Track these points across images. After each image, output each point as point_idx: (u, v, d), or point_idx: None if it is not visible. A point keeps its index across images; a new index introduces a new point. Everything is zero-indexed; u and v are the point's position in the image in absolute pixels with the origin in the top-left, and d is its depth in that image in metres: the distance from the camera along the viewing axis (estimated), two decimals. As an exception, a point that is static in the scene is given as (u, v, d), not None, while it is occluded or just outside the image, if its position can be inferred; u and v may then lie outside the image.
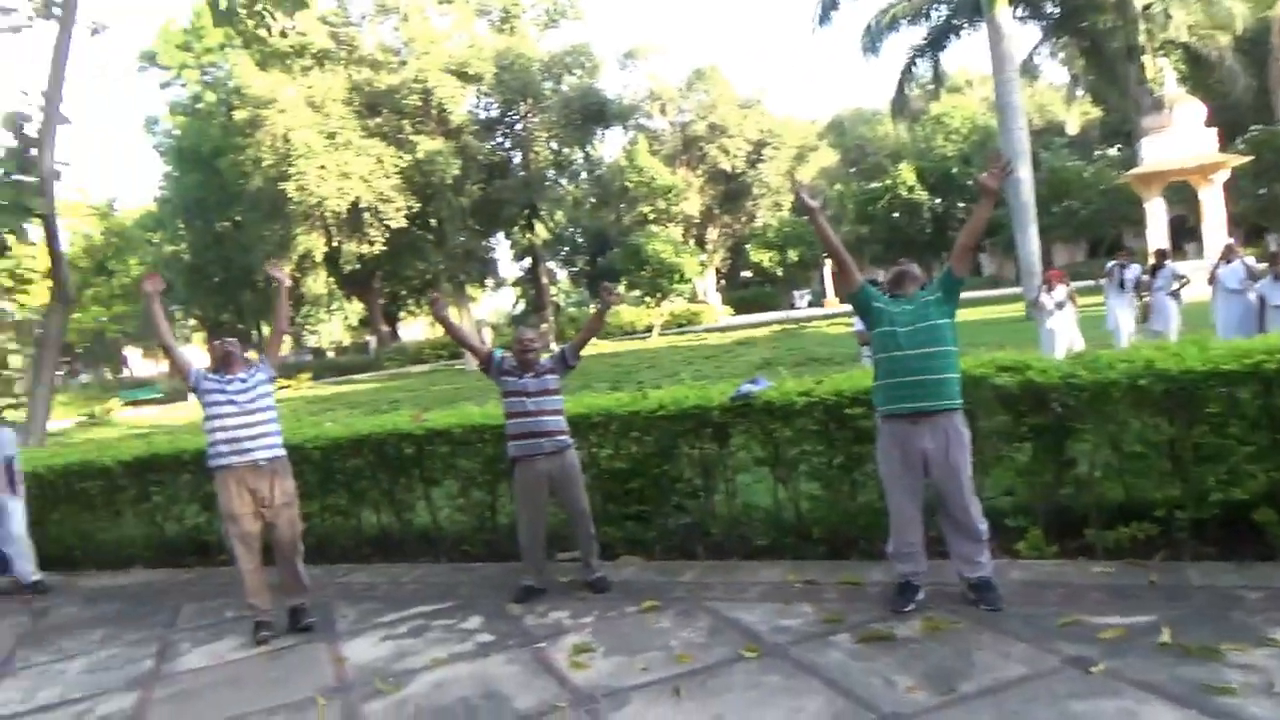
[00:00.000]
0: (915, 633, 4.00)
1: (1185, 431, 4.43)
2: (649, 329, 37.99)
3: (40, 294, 15.20)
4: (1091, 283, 12.95)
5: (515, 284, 49.78)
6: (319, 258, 34.26)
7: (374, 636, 4.98)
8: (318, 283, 38.42)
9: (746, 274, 57.20)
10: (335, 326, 63.18)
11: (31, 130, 10.63)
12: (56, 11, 11.18)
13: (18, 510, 7.24)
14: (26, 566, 7.20)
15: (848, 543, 5.22)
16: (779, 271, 51.23)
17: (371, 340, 48.64)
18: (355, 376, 38.82)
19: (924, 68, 29.84)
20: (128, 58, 73.18)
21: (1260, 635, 3.50)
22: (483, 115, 39.51)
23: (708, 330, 37.94)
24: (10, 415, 9.69)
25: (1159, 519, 4.45)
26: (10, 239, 10.61)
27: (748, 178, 48.15)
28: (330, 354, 53.21)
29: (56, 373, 12.10)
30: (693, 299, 44.63)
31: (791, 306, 47.61)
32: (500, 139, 40.52)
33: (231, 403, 5.13)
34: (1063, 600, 4.10)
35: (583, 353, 5.62)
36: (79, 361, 48.84)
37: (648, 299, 36.76)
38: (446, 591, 5.63)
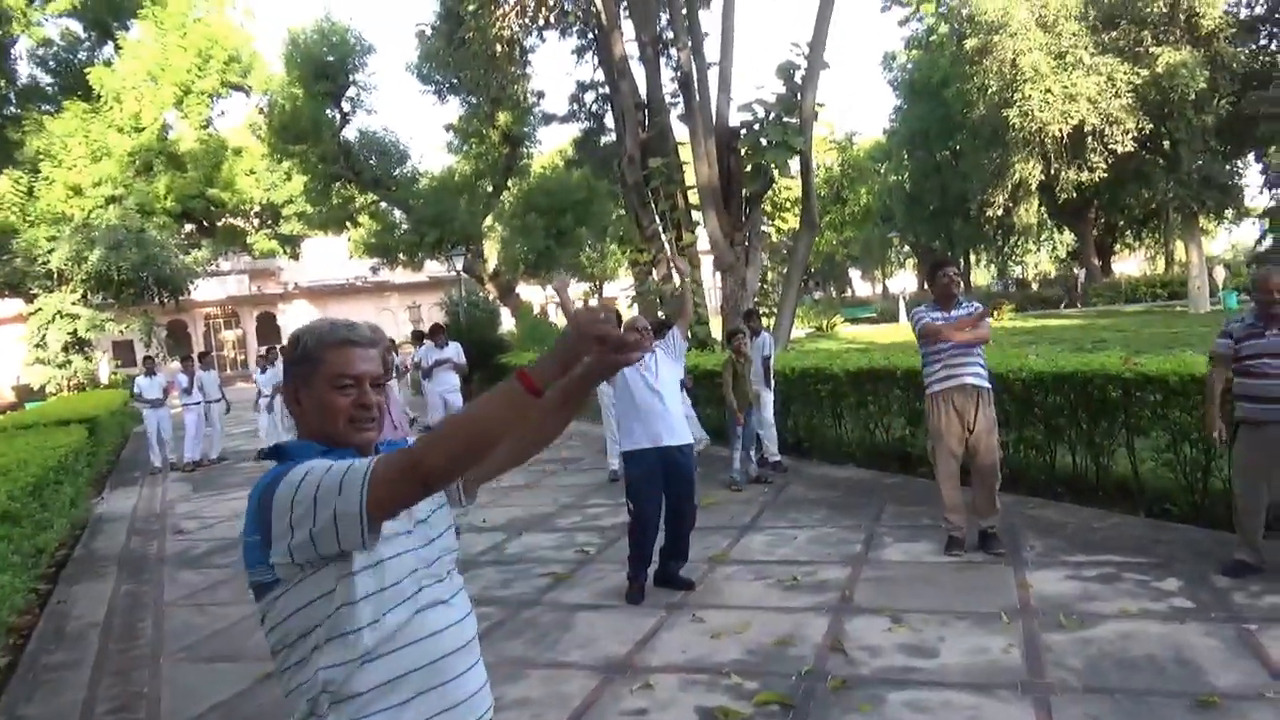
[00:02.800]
0: None
1: None
2: None
3: (792, 220, 17.88)
4: None
5: (1264, 214, 41.81)
6: (1033, 186, 33.28)
7: (1060, 572, 5.07)
8: (1029, 212, 37.41)
9: None
10: (1042, 257, 61.04)
11: (797, 76, 12.47)
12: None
13: (769, 400, 8.89)
14: (772, 447, 8.82)
15: None
16: None
17: (1080, 274, 45.91)
18: (1061, 311, 37.33)
19: None
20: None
21: None
22: (1244, 14, 33.48)
23: None
24: (766, 322, 11.76)
25: None
26: (775, 173, 12.77)
27: None
28: (1035, 286, 51.74)
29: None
30: None
31: None
32: (1264, 41, 33.94)
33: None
34: None
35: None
36: (812, 280, 55.71)
37: None
38: (1141, 546, 5.40)
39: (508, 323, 25.32)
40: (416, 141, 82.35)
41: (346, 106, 26.78)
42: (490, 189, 28.94)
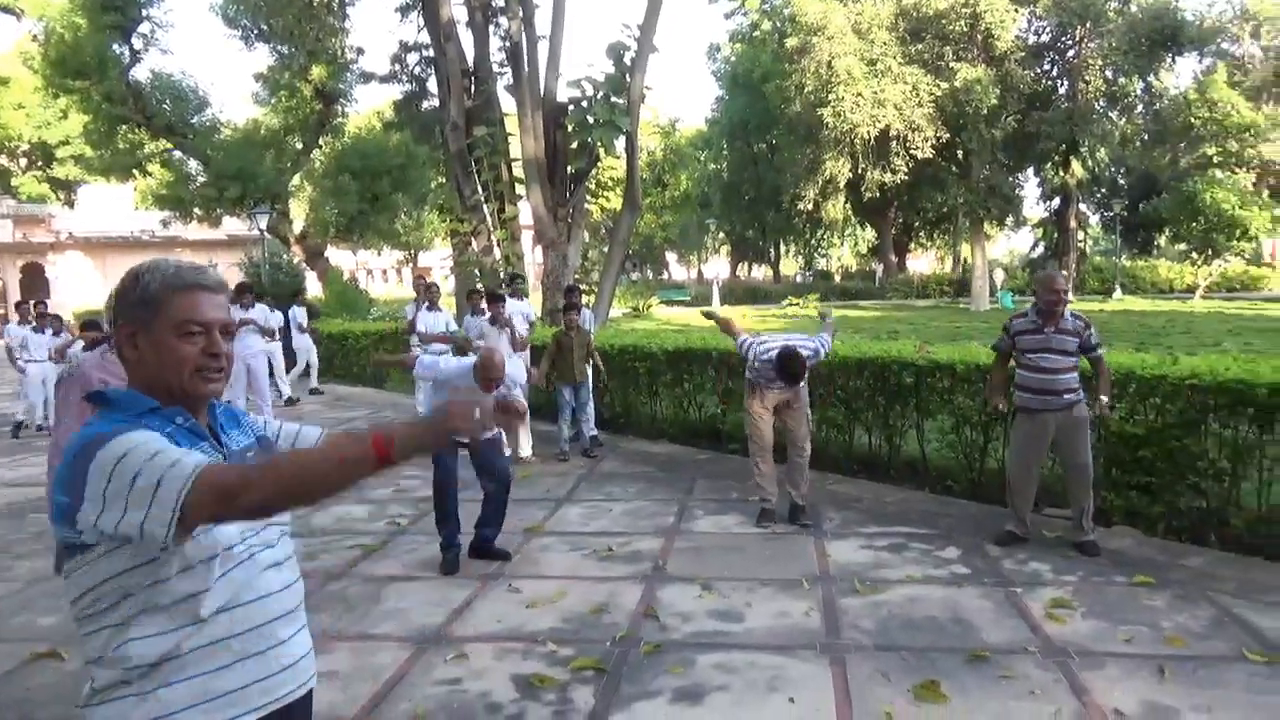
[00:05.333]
0: None
1: None
2: (1191, 289, 33.04)
3: (615, 199, 18.05)
4: None
5: (1037, 225, 46.23)
6: (842, 183, 35.23)
7: (855, 543, 5.42)
8: (836, 208, 39.53)
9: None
10: (845, 252, 64.74)
11: (627, 58, 12.57)
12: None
13: (589, 377, 8.92)
14: (590, 423, 8.87)
15: None
16: (1396, 237, 41.03)
17: (878, 268, 49.08)
18: (859, 302, 39.75)
19: None
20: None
21: None
22: (1031, 40, 36.74)
23: (1270, 299, 31.86)
24: (586, 300, 11.80)
25: None
26: (601, 151, 12.84)
27: (1369, 116, 38.58)
28: (837, 278, 54.85)
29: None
30: (1255, 261, 37.68)
31: None
32: (1047, 66, 37.39)
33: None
34: None
35: (1106, 308, 5.32)
36: (630, 261, 56.45)
37: (1194, 255, 31.88)
38: (926, 519, 5.86)
39: (314, 288, 24.12)
40: (219, 89, 76.67)
41: (138, 43, 24.44)
42: (300, 146, 27.34)
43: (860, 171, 34.32)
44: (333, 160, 26.80)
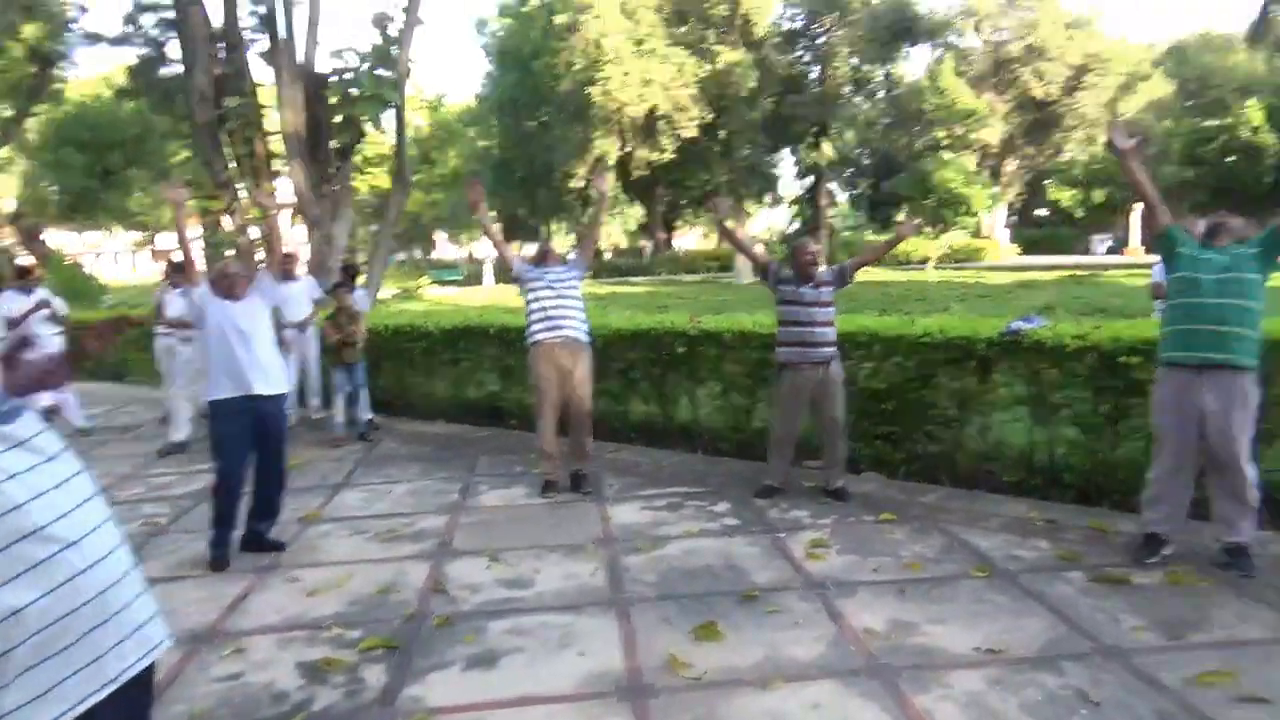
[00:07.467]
0: (1154, 583, 4.03)
1: None
2: (924, 261, 36.55)
3: (382, 176, 17.40)
4: None
5: (793, 203, 49.41)
6: (611, 161, 35.92)
7: (636, 505, 5.67)
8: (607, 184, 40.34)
9: (1042, 212, 52.89)
10: (616, 229, 66.04)
11: (393, 30, 12.13)
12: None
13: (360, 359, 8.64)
14: (364, 406, 8.61)
15: (1101, 491, 5.19)
16: (1079, 212, 47.03)
17: (647, 245, 50.52)
18: (630, 279, 40.74)
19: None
20: (459, -39, 78.51)
21: None
22: (786, 27, 39.03)
23: (990, 268, 35.82)
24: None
25: None
26: (368, 126, 12.34)
27: (1061, 107, 44.08)
28: (608, 255, 55.88)
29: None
30: (976, 234, 42.23)
31: (1088, 252, 43.64)
32: (800, 52, 39.91)
33: (549, 287, 5.93)
34: (1327, 580, 3.94)
35: (856, 276, 5.86)
36: (398, 240, 54.66)
37: (928, 229, 35.29)
38: (700, 478, 6.21)
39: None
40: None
41: None
42: (10, 113, 24.30)
43: (629, 150, 35.13)
44: (52, 130, 24.02)
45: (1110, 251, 43.31)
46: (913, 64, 49.22)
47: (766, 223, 69.41)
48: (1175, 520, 4.31)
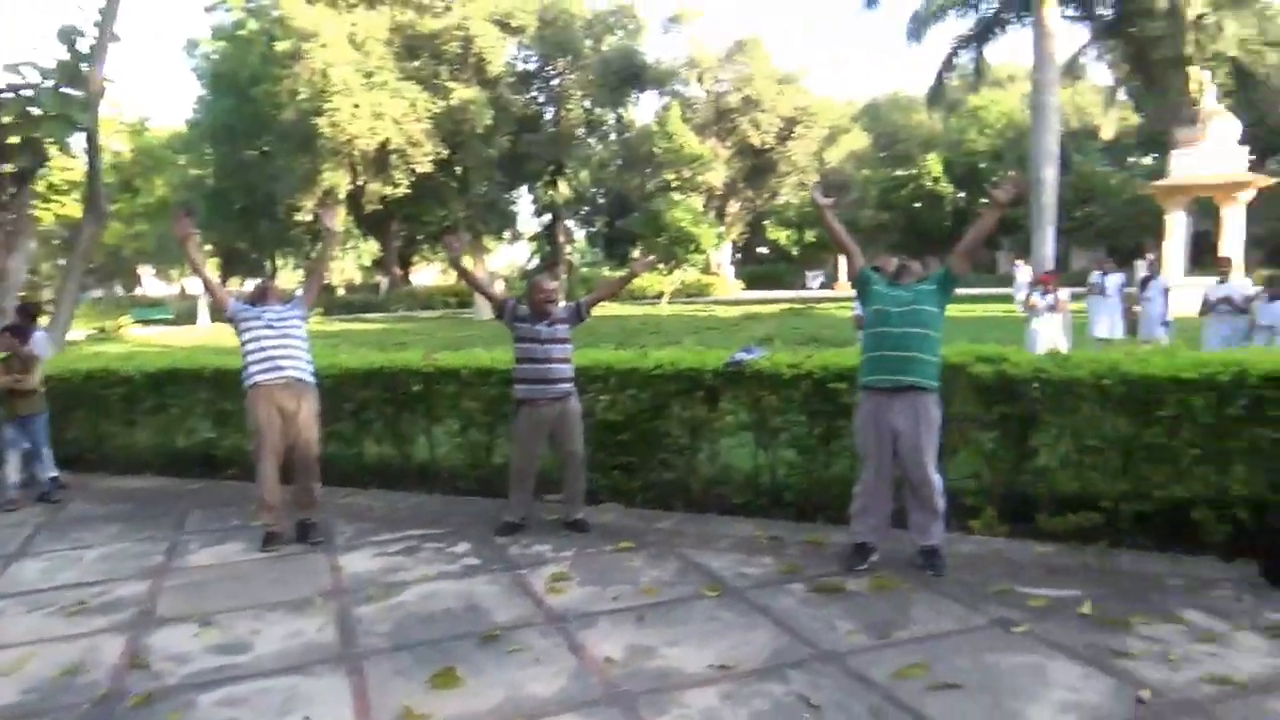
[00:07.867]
0: (863, 588, 4.37)
1: (1140, 431, 4.74)
2: (659, 296, 38.23)
3: (72, 207, 15.55)
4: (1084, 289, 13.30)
5: (532, 239, 50.02)
6: (342, 195, 34.43)
7: (369, 552, 5.37)
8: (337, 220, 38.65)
9: (763, 250, 57.26)
10: (349, 265, 63.48)
11: (83, 45, 10.91)
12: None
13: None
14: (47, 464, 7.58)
15: (817, 507, 5.57)
16: (795, 251, 51.32)
17: (383, 281, 48.96)
18: (365, 315, 39.25)
19: (966, 59, 29.77)
20: (167, -23, 72.76)
21: (1170, 613, 3.87)
22: (520, 68, 39.51)
23: (717, 302, 38.19)
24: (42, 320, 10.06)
25: (1105, 510, 4.77)
26: (53, 150, 10.97)
27: (775, 154, 47.99)
28: (341, 291, 53.55)
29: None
30: (706, 270, 44.78)
31: (804, 286, 47.76)
32: (535, 93, 40.53)
33: (269, 326, 5.52)
34: (1002, 573, 4.46)
35: (593, 314, 5.95)
36: (93, 276, 49.20)
37: (660, 266, 36.97)
38: (438, 519, 6.01)
39: None
40: None
41: None
42: None
43: (361, 183, 33.96)
44: None
45: (822, 286, 47.69)
46: (643, 109, 51.56)
47: (507, 259, 69.71)
48: (880, 529, 4.72)
